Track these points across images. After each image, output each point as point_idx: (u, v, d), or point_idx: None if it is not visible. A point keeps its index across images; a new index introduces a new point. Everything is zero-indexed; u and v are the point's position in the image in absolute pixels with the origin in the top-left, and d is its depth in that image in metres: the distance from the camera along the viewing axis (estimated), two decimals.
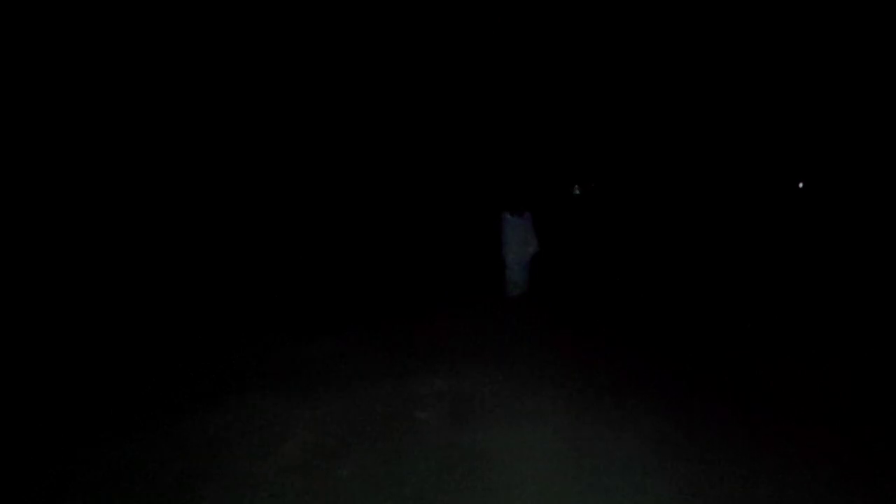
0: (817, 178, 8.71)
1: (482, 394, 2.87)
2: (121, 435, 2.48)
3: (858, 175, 8.55)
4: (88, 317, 4.39)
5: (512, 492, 2.01)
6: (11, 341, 3.73)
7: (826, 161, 9.00)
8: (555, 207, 11.72)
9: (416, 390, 2.93)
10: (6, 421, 2.62)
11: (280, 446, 2.37)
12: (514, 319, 4.47)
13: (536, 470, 2.15)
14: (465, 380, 3.08)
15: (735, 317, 4.25)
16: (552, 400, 2.80)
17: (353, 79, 9.69)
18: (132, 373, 3.27)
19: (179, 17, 7.71)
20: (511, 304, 5.01)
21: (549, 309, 4.83)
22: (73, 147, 7.07)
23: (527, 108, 11.76)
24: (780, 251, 6.71)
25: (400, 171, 10.76)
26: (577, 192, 16.58)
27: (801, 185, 8.11)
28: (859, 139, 8.96)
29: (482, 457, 2.25)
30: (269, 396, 2.88)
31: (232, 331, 4.16)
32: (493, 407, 2.71)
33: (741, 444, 2.32)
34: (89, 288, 5.24)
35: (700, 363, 3.29)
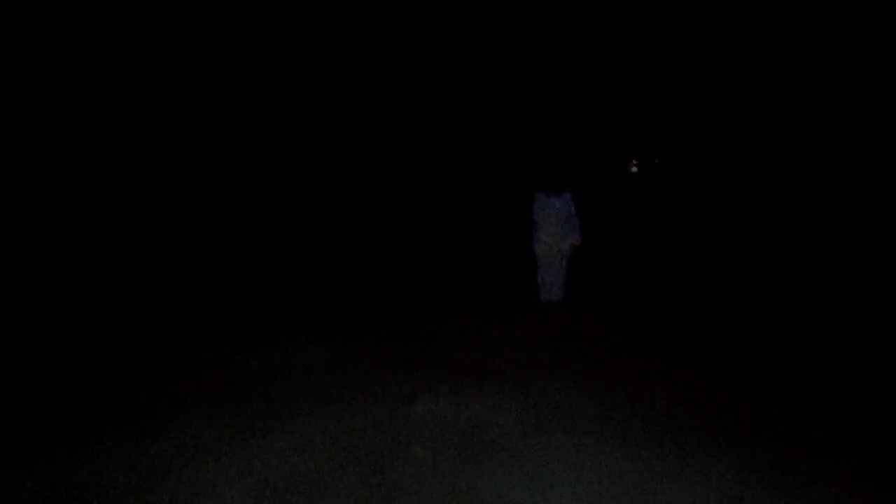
0: (827, 189, 9.01)
1: (496, 425, 2.66)
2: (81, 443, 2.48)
3: (859, 179, 8.95)
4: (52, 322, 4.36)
5: None
6: None
7: (835, 172, 9.29)
8: (603, 188, 11.21)
9: (415, 416, 2.74)
10: None
11: (237, 482, 2.18)
12: (544, 331, 4.21)
13: None
14: (476, 405, 2.87)
15: (735, 317, 4.54)
16: (582, 438, 2.56)
17: (357, 52, 9.81)
18: (94, 379, 3.26)
19: (179, 16, 8.37)
20: (541, 312, 4.67)
21: (590, 319, 4.56)
22: (72, 146, 7.70)
23: (564, 54, 10.66)
24: (781, 252, 6.99)
25: (414, 136, 10.60)
26: (635, 169, 15.79)
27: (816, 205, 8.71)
28: (861, 147, 9.36)
29: None
30: (235, 415, 2.70)
31: (205, 332, 4.07)
32: (509, 443, 2.51)
33: (740, 449, 2.47)
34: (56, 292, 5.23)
35: (700, 364, 3.51)
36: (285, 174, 9.49)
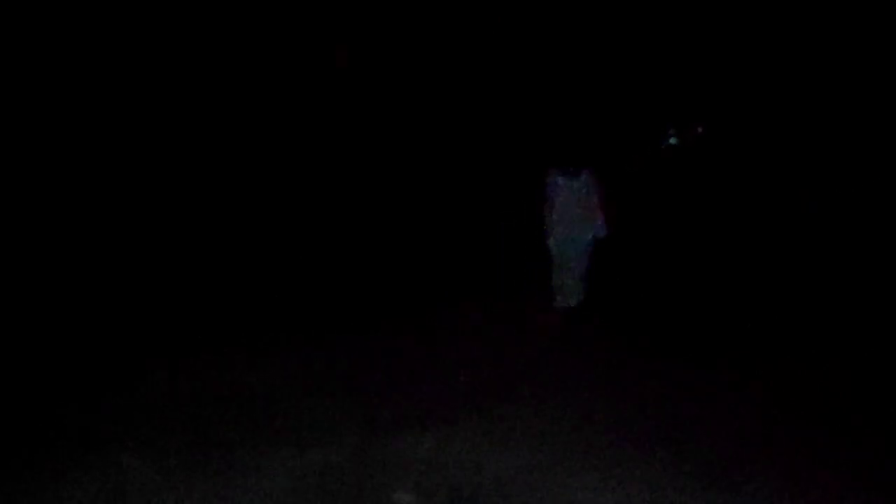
0: (827, 189, 9.47)
1: (497, 465, 2.42)
2: None
3: (859, 179, 9.36)
4: None
5: None
6: None
7: (835, 172, 9.64)
8: (634, 165, 10.61)
9: (394, 455, 2.51)
10: None
11: None
12: (557, 346, 4.02)
13: None
14: (473, 439, 2.64)
15: (735, 317, 4.73)
16: (598, 478, 2.30)
17: (354, 35, 9.71)
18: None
19: (179, 16, 8.51)
20: (555, 321, 4.43)
21: (596, 320, 4.42)
22: (72, 145, 7.78)
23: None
24: (781, 252, 7.20)
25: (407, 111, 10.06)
26: (673, 140, 14.60)
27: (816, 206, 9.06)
28: (861, 147, 9.73)
29: None
30: (171, 452, 2.42)
31: (136, 342, 3.79)
32: (512, 489, 2.26)
33: (739, 448, 2.58)
34: None
35: (702, 365, 3.65)
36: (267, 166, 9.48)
